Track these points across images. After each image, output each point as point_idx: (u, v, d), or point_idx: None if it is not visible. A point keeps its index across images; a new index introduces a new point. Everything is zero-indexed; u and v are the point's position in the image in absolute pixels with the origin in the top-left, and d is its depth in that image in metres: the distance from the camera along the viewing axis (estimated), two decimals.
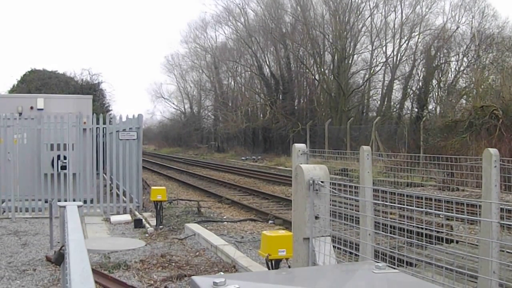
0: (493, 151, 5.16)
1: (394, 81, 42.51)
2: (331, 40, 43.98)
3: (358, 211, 5.66)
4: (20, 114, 14.29)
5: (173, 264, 8.18)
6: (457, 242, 7.60)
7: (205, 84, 66.14)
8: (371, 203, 5.78)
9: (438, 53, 39.67)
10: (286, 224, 11.62)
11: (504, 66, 28.33)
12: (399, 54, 41.87)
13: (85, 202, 13.04)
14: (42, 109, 14.94)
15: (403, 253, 5.32)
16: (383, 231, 4.83)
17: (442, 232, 6.42)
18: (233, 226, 12.17)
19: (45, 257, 8.41)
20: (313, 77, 46.70)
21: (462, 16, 40.53)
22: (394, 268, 2.26)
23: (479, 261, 4.87)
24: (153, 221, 12.02)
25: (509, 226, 6.89)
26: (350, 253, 4.47)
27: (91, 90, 34.13)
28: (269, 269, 5.46)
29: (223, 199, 17.28)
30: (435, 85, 39.68)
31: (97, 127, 14.10)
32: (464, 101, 30.65)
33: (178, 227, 11.57)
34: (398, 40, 42.00)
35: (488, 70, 30.26)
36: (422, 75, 40.62)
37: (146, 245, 9.71)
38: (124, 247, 9.44)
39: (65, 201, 11.69)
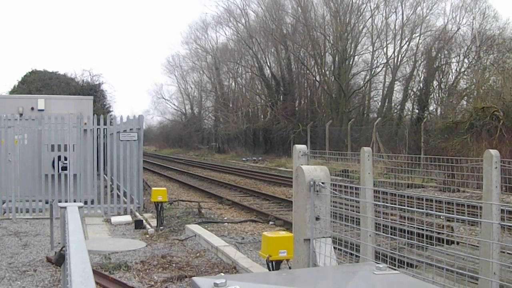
0: (494, 152, 5.16)
1: (395, 82, 42.51)
2: (332, 41, 43.98)
3: (359, 212, 5.66)
4: (21, 115, 14.30)
5: (174, 265, 8.18)
6: (457, 243, 7.60)
7: (206, 85, 66.24)
8: (371, 204, 5.78)
9: (439, 54, 39.66)
10: (287, 225, 11.61)
11: (505, 67, 28.30)
12: (399, 55, 41.90)
13: (85, 203, 13.05)
14: (42, 110, 14.96)
15: (404, 254, 5.32)
16: (383, 232, 4.83)
17: (442, 233, 6.42)
18: (234, 227, 12.17)
19: (46, 258, 8.42)
20: (314, 78, 46.71)
21: (463, 17, 40.58)
22: (395, 269, 2.26)
23: (480, 262, 4.86)
24: (154, 222, 12.02)
25: (509, 227, 6.89)
26: (351, 254, 4.47)
27: (92, 91, 34.12)
28: (269, 270, 5.46)
29: (224, 200, 17.28)
30: (436, 86, 39.67)
31: (97, 128, 14.12)
32: (465, 102, 30.64)
33: (179, 228, 11.58)
34: (399, 41, 42.03)
35: (489, 71, 30.22)
36: (423, 76, 40.61)
37: (146, 246, 9.71)
38: (124, 248, 9.44)
39: (66, 202, 11.70)
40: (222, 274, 7.55)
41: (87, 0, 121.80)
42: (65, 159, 13.55)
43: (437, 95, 39.61)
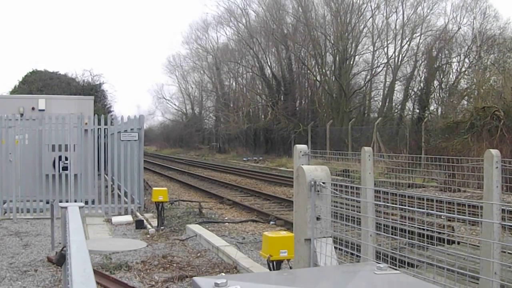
0: (495, 152, 5.15)
1: (396, 82, 42.50)
2: (332, 41, 43.97)
3: (360, 212, 5.66)
4: (22, 115, 14.30)
5: (175, 265, 8.18)
6: (458, 243, 7.59)
7: (207, 85, 66.23)
8: (372, 204, 5.78)
9: (440, 54, 39.65)
10: (288, 225, 11.61)
11: (506, 67, 28.30)
12: (400, 55, 41.89)
13: (86, 203, 13.05)
14: (43, 110, 14.97)
15: (405, 254, 5.32)
16: (384, 232, 4.82)
17: (443, 233, 6.42)
18: (235, 227, 12.17)
19: (47, 258, 8.42)
20: (315, 78, 46.69)
21: (464, 17, 40.57)
22: (396, 269, 2.26)
23: (481, 262, 4.86)
24: (155, 222, 12.02)
25: (510, 227, 6.89)
26: (352, 254, 4.47)
27: (93, 91, 34.18)
28: (270, 270, 5.46)
29: (225, 200, 17.28)
30: (437, 86, 39.65)
31: (98, 128, 14.11)
32: (465, 102, 30.63)
33: (180, 228, 11.58)
34: (400, 41, 42.02)
35: (490, 71, 30.20)
36: (423, 76, 40.60)
37: (147, 246, 9.71)
38: (125, 248, 9.45)
39: (67, 202, 11.70)
40: (223, 274, 7.55)
41: (87, 0, 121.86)
42: (66, 159, 13.55)
43: (437, 95, 39.60)
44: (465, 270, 3.71)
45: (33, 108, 15.08)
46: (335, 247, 4.41)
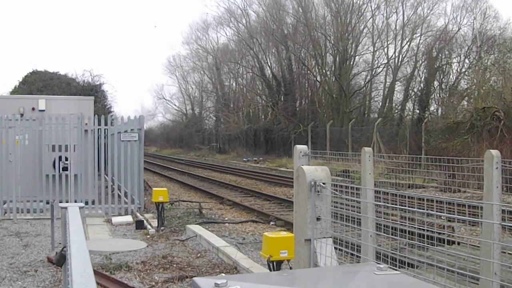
0: (495, 152, 5.16)
1: (396, 83, 42.48)
2: (332, 42, 43.97)
3: (360, 213, 5.66)
4: (22, 115, 14.30)
5: (175, 265, 8.18)
6: (458, 243, 7.59)
7: (207, 85, 66.27)
8: (372, 204, 5.78)
9: (440, 55, 39.63)
10: (288, 226, 11.61)
11: (506, 68, 28.25)
12: (400, 56, 41.87)
13: (86, 203, 13.04)
14: (43, 110, 14.97)
15: (405, 254, 5.32)
16: (384, 233, 4.83)
17: (443, 233, 6.42)
18: (235, 228, 12.17)
19: (47, 258, 8.42)
20: (315, 78, 46.70)
21: (464, 18, 40.55)
22: (396, 270, 2.26)
23: (481, 262, 4.86)
24: (155, 223, 12.02)
25: (510, 228, 6.89)
26: (352, 254, 4.47)
27: (93, 91, 34.15)
28: (270, 270, 5.46)
29: (225, 201, 17.28)
30: (437, 87, 39.63)
31: (98, 128, 14.11)
32: (465, 103, 30.62)
33: (180, 228, 11.58)
34: (400, 42, 42.01)
35: (490, 72, 30.17)
36: (423, 77, 40.57)
37: (147, 246, 9.71)
38: (125, 248, 9.45)
39: (67, 202, 11.70)
40: (223, 274, 7.55)
41: (88, 0, 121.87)
42: (66, 159, 13.55)
43: (437, 95, 39.58)
44: (465, 271, 3.71)
45: (33, 109, 15.09)
46: (335, 247, 4.42)
